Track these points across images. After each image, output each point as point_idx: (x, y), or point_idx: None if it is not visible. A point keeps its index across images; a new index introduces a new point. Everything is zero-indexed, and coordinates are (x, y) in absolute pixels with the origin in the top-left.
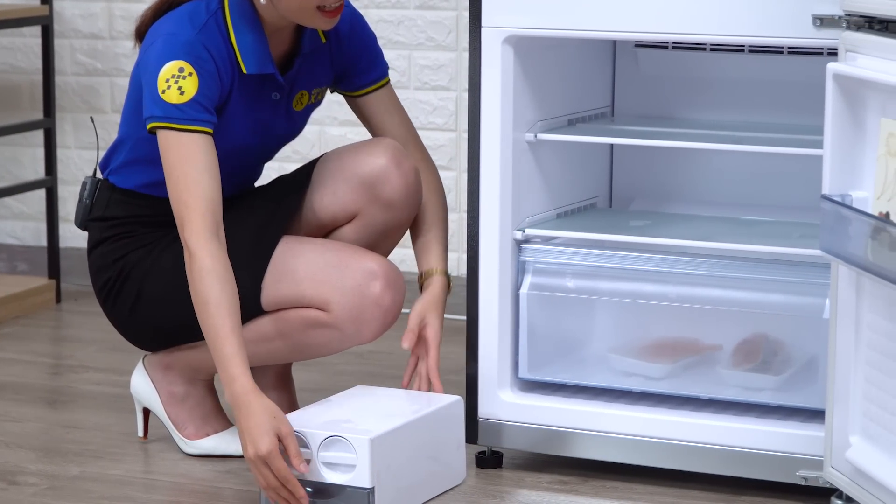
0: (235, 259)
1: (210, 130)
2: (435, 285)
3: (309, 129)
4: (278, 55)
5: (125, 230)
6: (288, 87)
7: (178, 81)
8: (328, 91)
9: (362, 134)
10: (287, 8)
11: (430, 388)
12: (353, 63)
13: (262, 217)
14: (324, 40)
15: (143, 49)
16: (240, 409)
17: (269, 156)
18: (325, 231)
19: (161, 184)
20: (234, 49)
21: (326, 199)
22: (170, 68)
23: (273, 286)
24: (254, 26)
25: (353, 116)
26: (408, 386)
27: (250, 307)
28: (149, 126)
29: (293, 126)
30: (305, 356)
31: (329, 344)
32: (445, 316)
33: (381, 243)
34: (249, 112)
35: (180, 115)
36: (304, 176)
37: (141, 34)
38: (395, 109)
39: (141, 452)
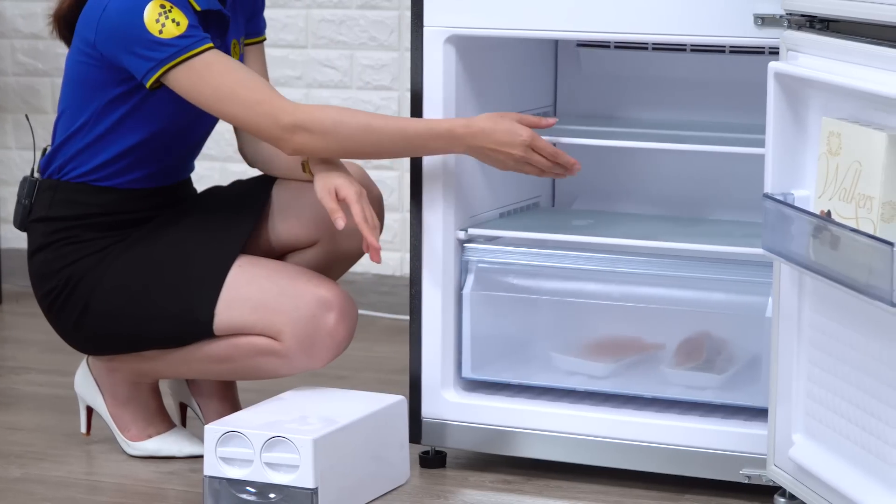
0: (189, 280)
1: (214, 45)
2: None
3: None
4: None
5: (71, 234)
6: (225, 32)
7: (167, 16)
8: None
9: None
10: None
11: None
12: (252, 10)
13: (218, 234)
14: None
15: (96, 19)
16: (478, 145)
17: (207, 125)
18: (283, 252)
19: (135, 149)
20: None
21: (289, 223)
22: (152, 11)
23: (226, 312)
24: None
25: None
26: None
27: (202, 331)
28: (161, 71)
29: None
30: (252, 378)
31: (278, 371)
32: (389, 316)
33: (336, 267)
34: None
35: (192, 41)
36: (263, 190)
37: (61, 18)
38: (265, 68)
39: (84, 454)
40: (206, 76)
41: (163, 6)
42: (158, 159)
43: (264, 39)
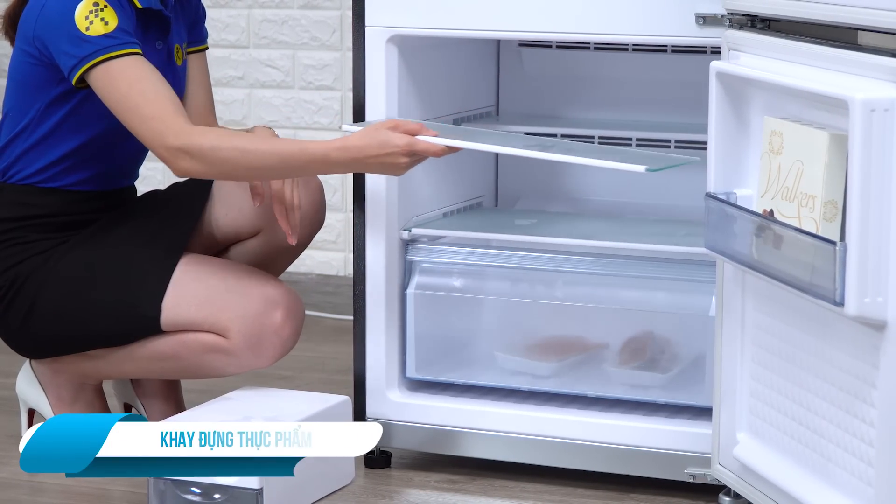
0: (135, 277)
1: (141, 52)
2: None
3: None
4: None
5: (16, 236)
6: (167, 34)
7: (97, 15)
8: None
9: None
10: None
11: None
12: (194, 19)
13: (162, 232)
14: None
15: (34, 16)
16: (357, 163)
17: None
18: (227, 244)
19: (78, 151)
20: None
21: (232, 214)
22: (84, 7)
23: (173, 309)
24: None
25: (238, 116)
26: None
27: (149, 327)
28: (83, 69)
29: (177, 84)
30: (198, 377)
31: (225, 368)
32: (333, 316)
33: (279, 259)
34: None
35: (115, 43)
36: (204, 187)
37: (8, 17)
38: (207, 77)
39: None
40: (118, 81)
41: (96, 4)
42: (103, 162)
43: (206, 48)
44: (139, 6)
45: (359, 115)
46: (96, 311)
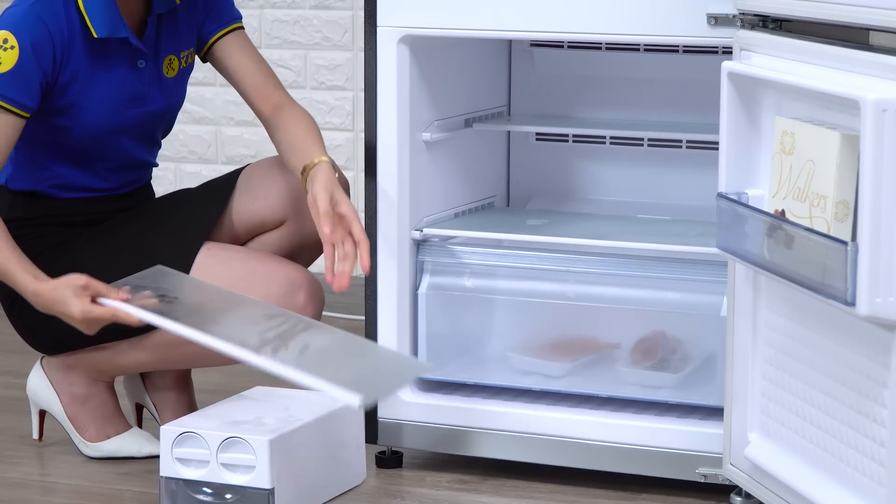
0: (157, 262)
1: (17, 112)
2: (324, 169)
3: (205, 129)
4: (134, 19)
5: (33, 231)
6: (151, 52)
7: None
8: (196, 58)
9: (261, 134)
10: None
11: (352, 266)
12: (207, 15)
13: (185, 221)
14: (178, 1)
15: None
16: (46, 304)
17: (151, 138)
18: (250, 236)
19: (69, 166)
20: (82, 14)
21: (258, 203)
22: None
23: None
24: None
25: (250, 115)
26: (333, 274)
27: None
28: None
29: (170, 96)
30: (219, 363)
31: None
32: (344, 316)
33: (302, 253)
34: (113, 84)
35: None
36: (228, 183)
37: None
38: (250, 51)
39: (38, 455)
40: None
41: (6, 41)
42: (105, 168)
43: (239, 27)
44: (95, 35)
45: (370, 115)
46: None
